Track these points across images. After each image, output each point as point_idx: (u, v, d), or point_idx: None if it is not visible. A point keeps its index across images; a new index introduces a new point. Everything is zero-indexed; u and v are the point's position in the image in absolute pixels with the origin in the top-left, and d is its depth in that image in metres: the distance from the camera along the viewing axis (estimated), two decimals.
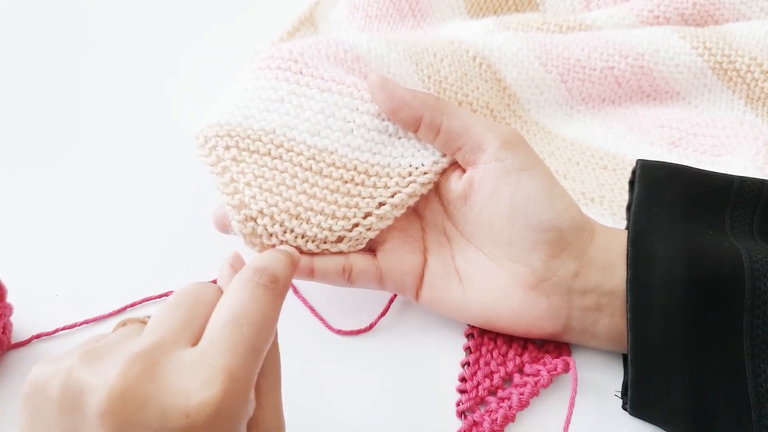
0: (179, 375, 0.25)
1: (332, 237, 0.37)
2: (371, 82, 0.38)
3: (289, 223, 0.37)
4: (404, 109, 0.37)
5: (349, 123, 0.39)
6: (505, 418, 0.35)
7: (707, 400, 0.33)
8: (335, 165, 0.38)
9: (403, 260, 0.39)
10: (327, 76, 0.40)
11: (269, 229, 0.37)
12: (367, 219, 0.38)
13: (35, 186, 0.50)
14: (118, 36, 0.64)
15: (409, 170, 0.38)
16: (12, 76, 0.60)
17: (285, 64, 0.41)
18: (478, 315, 0.38)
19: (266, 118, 0.39)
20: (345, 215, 0.38)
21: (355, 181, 0.38)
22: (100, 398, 0.24)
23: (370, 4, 0.61)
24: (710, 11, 0.58)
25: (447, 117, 0.37)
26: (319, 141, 0.39)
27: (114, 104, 0.56)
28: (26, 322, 0.40)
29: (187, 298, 0.29)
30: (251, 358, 0.26)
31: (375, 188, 0.38)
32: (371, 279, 0.39)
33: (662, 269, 0.34)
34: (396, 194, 0.38)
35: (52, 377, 0.26)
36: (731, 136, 0.48)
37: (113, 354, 0.26)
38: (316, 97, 0.40)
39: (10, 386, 0.38)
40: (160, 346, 0.26)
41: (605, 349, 0.38)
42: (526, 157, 0.36)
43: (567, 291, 0.36)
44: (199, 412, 0.24)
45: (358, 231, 0.38)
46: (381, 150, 0.39)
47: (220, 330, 0.26)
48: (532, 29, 0.57)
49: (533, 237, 0.36)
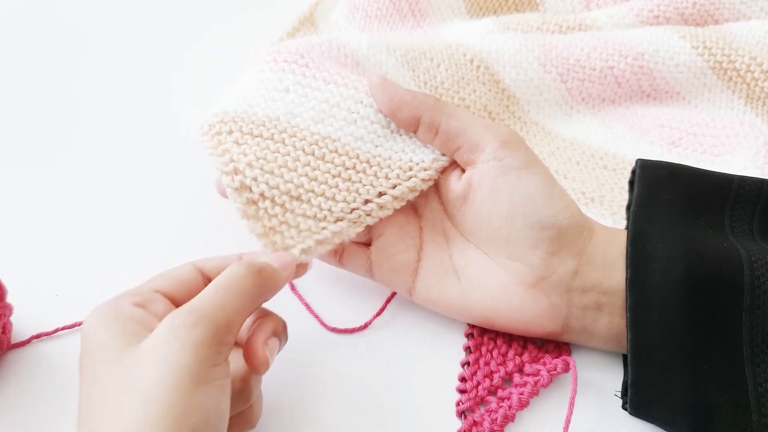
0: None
1: (331, 218, 0.37)
2: (372, 82, 0.39)
3: (290, 204, 0.37)
4: (404, 109, 0.37)
5: (353, 114, 0.39)
6: (505, 417, 0.35)
7: (707, 400, 0.33)
8: (337, 152, 0.39)
9: (394, 257, 0.39)
10: (333, 71, 0.41)
11: (270, 212, 0.36)
12: (367, 205, 0.38)
13: (35, 186, 0.50)
14: (119, 36, 0.64)
15: (410, 165, 0.39)
16: (13, 77, 0.60)
17: (291, 58, 0.41)
18: (478, 313, 0.38)
19: (270, 106, 0.40)
20: (345, 199, 0.38)
21: (356, 168, 0.38)
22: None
23: (370, 4, 0.61)
24: (710, 11, 0.58)
25: (445, 117, 0.37)
26: (323, 128, 0.39)
27: (115, 104, 0.56)
28: (26, 322, 0.40)
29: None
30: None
31: (376, 177, 0.38)
32: (360, 266, 0.40)
33: (662, 269, 0.34)
34: (397, 186, 0.38)
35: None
36: (731, 135, 0.48)
37: None
38: (321, 88, 0.40)
39: (10, 386, 0.38)
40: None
41: (605, 349, 0.38)
42: (525, 156, 0.36)
43: (566, 289, 0.36)
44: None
45: (357, 214, 0.38)
46: (383, 143, 0.39)
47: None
48: (532, 29, 0.57)
49: (532, 235, 0.36)
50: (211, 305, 0.29)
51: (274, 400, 0.37)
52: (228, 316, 0.29)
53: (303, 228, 0.37)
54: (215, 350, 0.29)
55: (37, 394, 0.37)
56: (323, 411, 0.37)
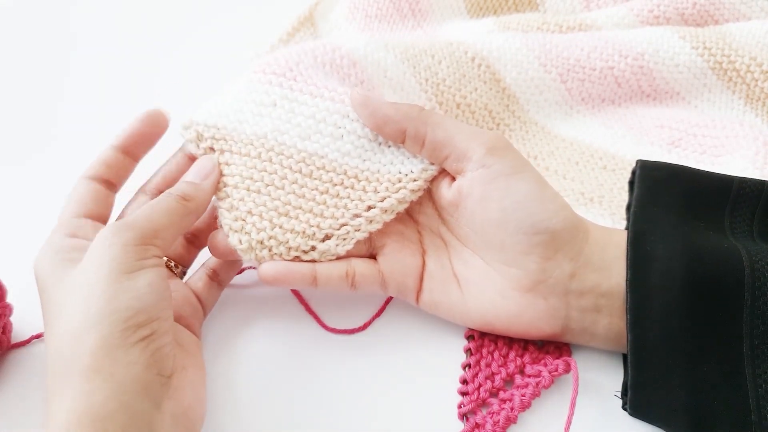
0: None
1: (320, 234, 0.38)
2: (353, 99, 0.39)
3: (278, 219, 0.38)
4: (388, 124, 0.38)
5: (339, 129, 0.40)
6: (507, 419, 0.35)
7: (707, 401, 0.33)
8: (325, 168, 0.39)
9: (403, 262, 0.39)
10: (320, 84, 0.41)
11: (257, 226, 0.37)
12: (355, 219, 0.38)
13: (35, 186, 0.50)
14: (120, 35, 0.64)
15: (399, 176, 0.39)
16: (12, 77, 0.60)
17: (280, 70, 0.42)
18: (478, 318, 0.38)
19: (258, 122, 0.40)
20: (333, 215, 0.38)
21: (344, 184, 0.39)
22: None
23: (370, 4, 0.61)
24: (710, 11, 0.58)
25: (431, 128, 0.37)
26: (310, 145, 0.39)
27: (115, 104, 0.56)
28: (26, 322, 0.40)
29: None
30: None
31: (364, 192, 0.39)
32: (374, 282, 0.39)
33: (662, 270, 0.34)
34: (385, 199, 0.38)
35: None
36: (731, 136, 0.48)
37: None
38: (308, 102, 0.40)
39: (10, 386, 0.38)
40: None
41: (605, 349, 0.38)
42: (513, 161, 0.36)
43: (564, 292, 0.36)
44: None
45: (346, 230, 0.38)
46: (371, 156, 0.39)
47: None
48: (532, 29, 0.57)
49: (526, 240, 0.36)
50: (136, 217, 0.34)
51: (273, 400, 0.37)
52: (154, 225, 0.34)
53: (292, 245, 0.37)
54: (142, 248, 0.32)
55: (37, 394, 0.37)
56: (323, 412, 0.37)
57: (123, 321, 0.30)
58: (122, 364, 0.29)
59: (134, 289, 0.31)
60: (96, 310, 0.30)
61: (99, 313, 0.30)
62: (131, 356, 0.30)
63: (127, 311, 0.30)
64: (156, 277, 0.32)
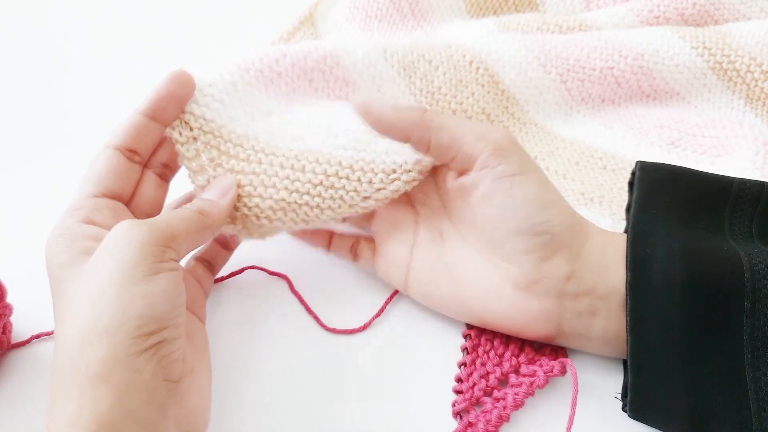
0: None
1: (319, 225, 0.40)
2: (356, 106, 0.38)
3: (274, 214, 0.38)
4: (391, 131, 0.38)
5: (333, 128, 0.40)
6: (499, 418, 0.35)
7: (707, 403, 0.33)
8: (318, 161, 0.39)
9: (387, 251, 0.41)
10: (312, 102, 0.43)
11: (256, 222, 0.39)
12: (352, 208, 0.39)
13: (35, 186, 0.50)
14: (120, 35, 0.64)
15: (393, 167, 0.39)
16: (12, 77, 0.60)
17: (269, 74, 0.43)
18: (471, 312, 0.38)
19: (250, 124, 0.40)
20: (330, 206, 0.38)
21: (339, 175, 0.38)
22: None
23: (370, 4, 0.61)
24: (710, 11, 0.58)
25: (435, 132, 0.37)
26: (303, 144, 0.39)
27: (115, 104, 0.56)
28: (26, 322, 0.40)
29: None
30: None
31: (360, 183, 0.39)
32: (369, 260, 0.42)
33: (661, 271, 0.34)
34: (380, 189, 0.39)
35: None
36: (731, 136, 0.48)
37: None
38: (302, 110, 0.41)
39: (10, 386, 0.38)
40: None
41: (600, 353, 0.37)
42: (518, 162, 0.36)
43: (559, 294, 0.36)
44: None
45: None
46: (366, 147, 0.39)
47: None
48: (532, 29, 0.57)
49: (525, 240, 0.36)
50: (155, 219, 0.33)
51: (272, 400, 0.37)
52: (172, 229, 0.33)
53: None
54: (160, 249, 0.32)
55: (37, 394, 0.37)
56: (321, 411, 0.37)
57: (135, 329, 0.29)
58: (129, 372, 0.29)
59: (148, 296, 0.30)
60: (108, 316, 0.29)
61: (111, 319, 0.29)
62: (139, 364, 0.29)
63: (139, 319, 0.30)
64: (171, 282, 0.31)
